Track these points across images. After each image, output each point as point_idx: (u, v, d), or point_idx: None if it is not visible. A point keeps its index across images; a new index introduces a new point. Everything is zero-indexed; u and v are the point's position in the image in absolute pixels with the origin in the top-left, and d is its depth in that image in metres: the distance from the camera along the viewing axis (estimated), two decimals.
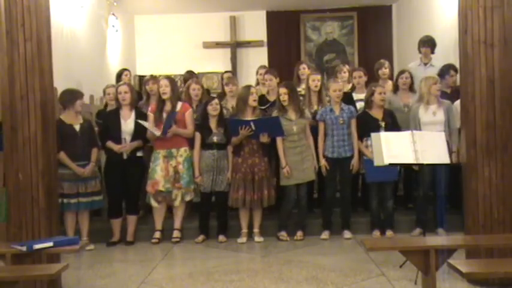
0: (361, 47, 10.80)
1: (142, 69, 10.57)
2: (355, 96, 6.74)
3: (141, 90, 7.71)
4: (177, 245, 6.08)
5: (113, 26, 9.28)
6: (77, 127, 5.91)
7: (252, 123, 5.92)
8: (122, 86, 6.34)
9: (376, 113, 6.03)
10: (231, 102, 6.63)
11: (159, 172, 6.11)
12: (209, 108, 6.13)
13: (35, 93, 4.35)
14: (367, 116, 6.05)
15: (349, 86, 7.06)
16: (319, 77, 6.48)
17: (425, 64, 7.10)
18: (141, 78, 10.30)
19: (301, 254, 5.52)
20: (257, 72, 7.38)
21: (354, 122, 6.10)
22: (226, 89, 6.80)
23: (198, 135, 6.15)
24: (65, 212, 5.81)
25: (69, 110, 5.92)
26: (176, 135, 6.13)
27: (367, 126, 5.94)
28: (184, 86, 7.31)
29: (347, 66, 7.16)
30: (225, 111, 6.54)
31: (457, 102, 5.41)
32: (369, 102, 6.08)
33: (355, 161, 6.06)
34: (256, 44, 10.76)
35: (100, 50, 8.85)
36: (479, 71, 4.28)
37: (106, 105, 6.93)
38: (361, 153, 6.07)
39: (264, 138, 5.98)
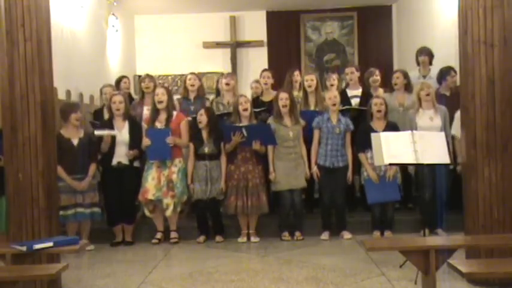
0: (361, 47, 10.78)
1: (142, 69, 10.53)
2: (349, 92, 6.70)
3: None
4: (177, 245, 6.09)
5: (113, 26, 9.27)
6: (75, 141, 5.88)
7: (243, 129, 5.94)
8: (116, 96, 6.16)
9: (377, 125, 6.00)
10: (226, 98, 6.61)
11: (149, 180, 6.06)
12: (197, 119, 6.12)
13: (35, 93, 4.34)
14: (368, 128, 6.00)
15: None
16: (312, 76, 6.46)
17: (424, 77, 6.98)
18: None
19: (301, 254, 5.53)
20: (261, 75, 7.09)
21: (349, 135, 6.13)
22: (224, 81, 6.74)
23: (191, 146, 6.16)
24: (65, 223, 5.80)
25: (67, 124, 5.88)
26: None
27: (367, 138, 5.90)
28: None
29: (336, 74, 7.07)
30: (221, 107, 6.55)
31: (458, 114, 5.30)
32: (369, 115, 6.08)
33: (350, 173, 6.12)
34: (256, 44, 10.74)
35: (100, 50, 8.84)
36: (479, 71, 4.28)
37: (103, 105, 6.89)
38: (360, 164, 6.10)
39: (257, 146, 5.99)
